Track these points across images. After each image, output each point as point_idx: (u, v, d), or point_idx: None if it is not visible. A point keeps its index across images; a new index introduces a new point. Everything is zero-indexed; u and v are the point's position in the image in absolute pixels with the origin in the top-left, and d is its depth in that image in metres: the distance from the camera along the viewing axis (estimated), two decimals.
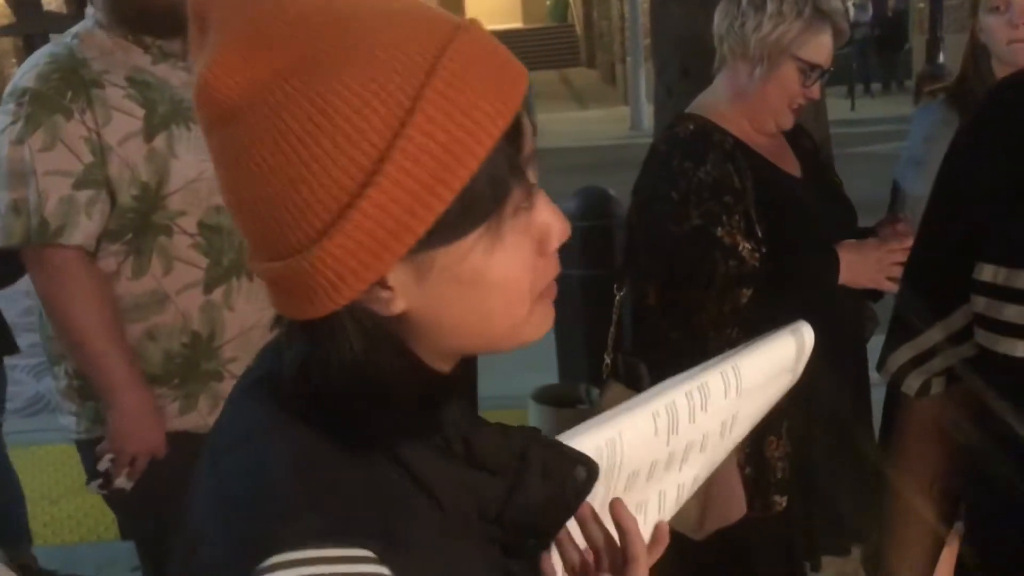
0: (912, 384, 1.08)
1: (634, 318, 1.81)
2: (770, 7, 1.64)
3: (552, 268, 0.63)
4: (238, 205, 0.57)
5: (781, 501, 1.70)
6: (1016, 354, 0.92)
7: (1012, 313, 0.92)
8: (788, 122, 1.72)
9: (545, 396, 2.72)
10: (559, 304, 0.66)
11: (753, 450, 1.68)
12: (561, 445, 0.69)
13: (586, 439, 0.72)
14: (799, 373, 0.93)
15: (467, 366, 0.68)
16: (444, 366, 0.65)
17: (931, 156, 1.05)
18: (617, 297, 1.86)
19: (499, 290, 0.59)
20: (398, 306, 0.58)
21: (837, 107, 11.96)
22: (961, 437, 1.05)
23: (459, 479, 0.62)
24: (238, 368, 1.69)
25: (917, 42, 14.04)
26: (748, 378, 0.82)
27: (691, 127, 1.71)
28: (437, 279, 0.57)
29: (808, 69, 1.66)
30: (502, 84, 0.56)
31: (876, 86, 13.56)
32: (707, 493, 1.56)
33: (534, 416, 2.64)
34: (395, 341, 0.60)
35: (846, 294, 1.69)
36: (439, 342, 0.62)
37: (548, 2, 22.48)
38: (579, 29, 20.91)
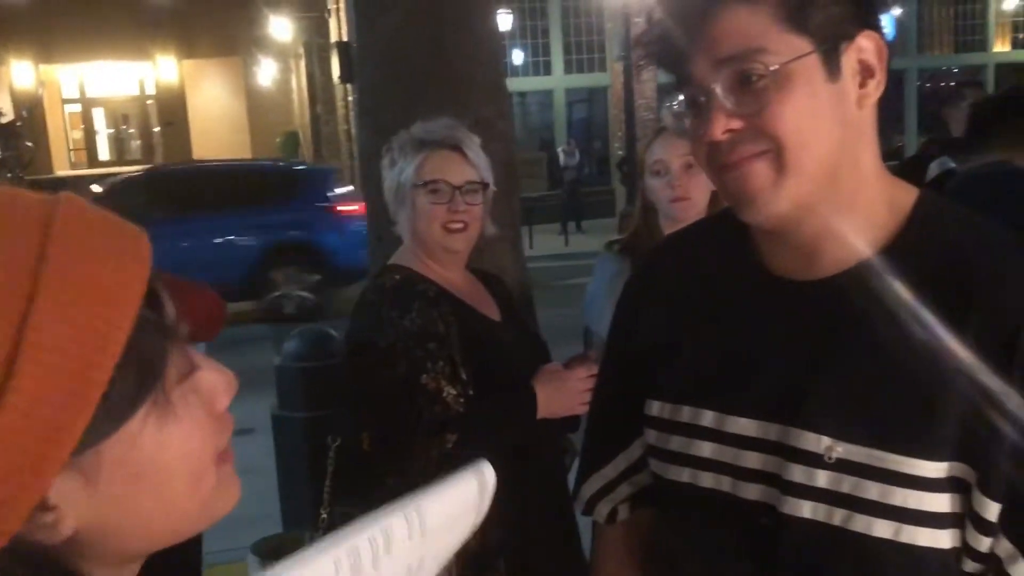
0: (601, 511, 1.16)
1: (350, 465, 1.83)
2: (384, 160, 1.84)
3: (226, 426, 0.59)
4: None
5: None
6: (682, 480, 1.01)
7: (676, 444, 1.01)
8: (457, 243, 1.81)
9: (266, 548, 2.61)
10: (283, 449, 0.61)
11: None
12: None
13: None
14: (483, 512, 0.98)
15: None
16: (129, 572, 0.58)
17: (608, 302, 1.19)
18: (332, 447, 1.87)
19: (181, 467, 0.54)
20: (67, 526, 0.50)
21: (552, 243, 12.92)
22: (645, 560, 1.14)
23: None
24: None
25: (619, 185, 15.59)
26: (431, 519, 0.84)
27: (397, 277, 1.80)
28: (110, 477, 0.51)
29: (432, 187, 1.77)
30: (123, 249, 0.52)
31: (587, 223, 14.79)
32: None
33: (254, 569, 2.52)
34: (67, 573, 0.52)
35: (544, 427, 1.79)
36: (122, 549, 0.55)
37: (278, 139, 22.55)
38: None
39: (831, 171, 0.89)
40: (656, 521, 1.11)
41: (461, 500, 0.87)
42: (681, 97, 0.93)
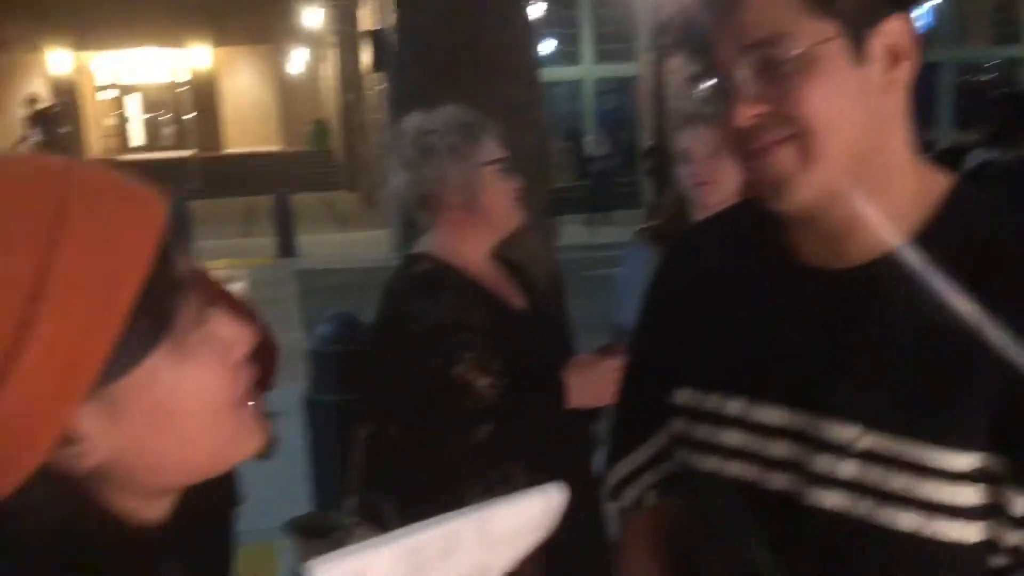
0: (628, 498, 1.16)
1: (379, 456, 1.82)
2: (441, 147, 1.75)
3: (245, 376, 0.62)
4: None
5: None
6: (708, 468, 1.01)
7: (703, 432, 1.02)
8: (519, 218, 1.84)
9: (298, 527, 2.66)
10: (314, 432, 0.63)
11: None
12: None
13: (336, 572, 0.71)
14: (547, 531, 0.97)
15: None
16: (156, 511, 0.61)
17: (640, 290, 1.19)
18: (361, 436, 1.86)
19: (197, 407, 0.58)
20: (93, 458, 0.54)
21: (578, 233, 12.90)
22: (673, 547, 1.14)
23: None
24: None
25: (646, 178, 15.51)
26: (498, 530, 0.83)
27: (426, 266, 1.79)
28: (131, 411, 0.55)
29: (503, 166, 1.80)
30: (136, 204, 0.56)
31: (614, 214, 14.74)
32: None
33: (286, 548, 2.57)
34: (94, 503, 0.56)
35: (570, 418, 1.79)
36: (145, 483, 0.59)
37: (308, 127, 22.66)
38: (340, 154, 21.22)
39: (859, 157, 0.89)
40: (682, 510, 1.11)
41: (527, 516, 0.87)
42: (708, 84, 0.93)
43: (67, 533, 0.54)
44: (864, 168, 0.89)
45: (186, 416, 0.58)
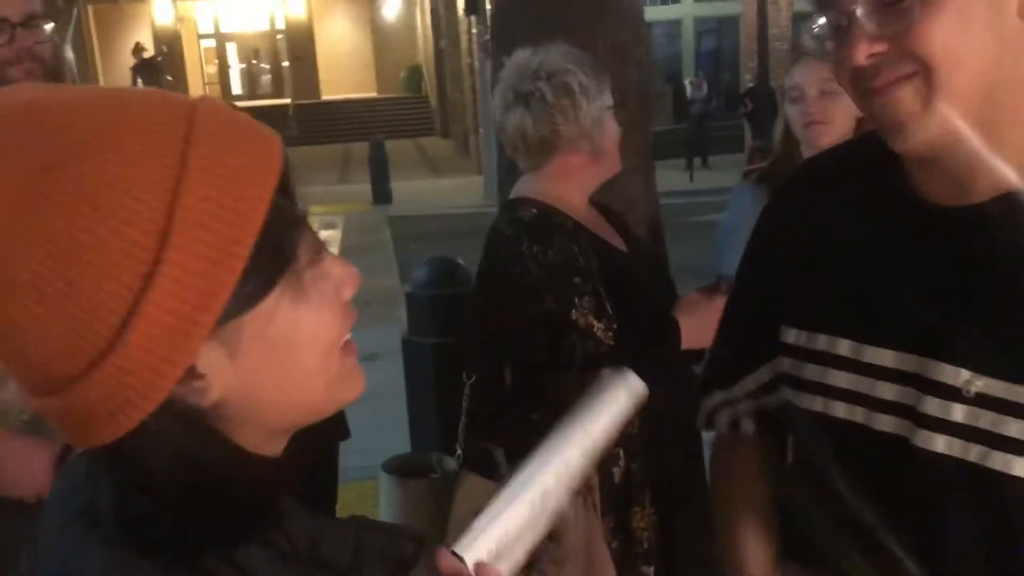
0: (722, 422, 1.15)
1: (490, 402, 1.82)
2: (575, 87, 1.71)
3: (350, 318, 0.63)
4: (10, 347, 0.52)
5: (648, 571, 1.75)
6: (815, 409, 1.00)
7: (811, 372, 1.00)
8: (620, 163, 1.85)
9: (395, 466, 2.71)
10: (412, 373, 0.65)
11: (618, 524, 1.72)
12: (385, 525, 0.69)
13: (480, 542, 0.73)
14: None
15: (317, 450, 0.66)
16: (272, 448, 0.63)
17: (743, 235, 1.16)
18: (467, 384, 1.86)
19: (311, 345, 0.59)
20: (214, 393, 0.55)
21: (677, 178, 12.65)
22: (769, 474, 1.12)
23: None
24: None
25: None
26: (600, 440, 0.86)
27: (533, 210, 1.76)
28: (249, 349, 0.56)
29: (614, 106, 1.79)
30: (258, 143, 0.56)
31: (713, 159, 14.40)
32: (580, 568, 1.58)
33: (385, 486, 2.63)
34: (217, 434, 0.57)
35: (680, 359, 1.76)
36: (262, 421, 0.60)
37: (402, 74, 22.78)
38: (433, 100, 21.31)
39: (987, 92, 0.83)
40: (780, 448, 1.09)
41: (620, 414, 0.89)
42: (822, 21, 0.89)
43: (192, 464, 0.55)
44: (993, 103, 0.84)
45: (301, 353, 0.59)
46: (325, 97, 22.59)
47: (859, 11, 0.82)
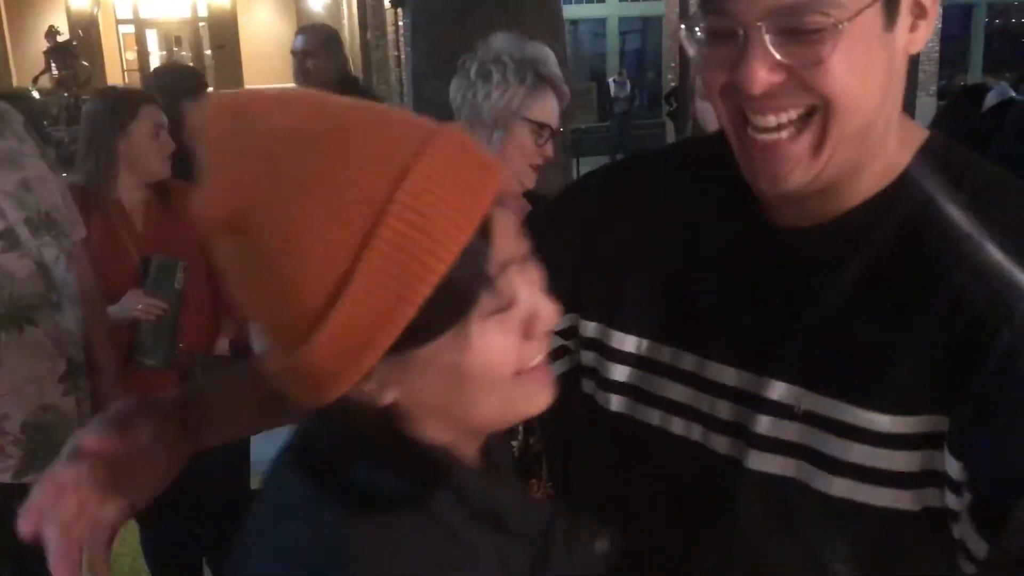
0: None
1: None
2: (496, 76, 1.82)
3: (539, 348, 0.65)
4: (248, 304, 0.61)
5: None
6: (652, 422, 0.95)
7: (651, 384, 0.95)
8: (531, 181, 1.90)
9: None
10: None
11: None
12: (583, 517, 0.72)
13: None
14: None
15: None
16: (467, 447, 0.68)
17: None
18: None
19: (482, 377, 0.62)
20: (387, 398, 0.62)
21: None
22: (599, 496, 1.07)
23: (488, 543, 0.65)
24: (12, 425, 1.61)
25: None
26: None
27: None
28: (420, 372, 0.61)
29: (538, 129, 1.85)
30: (470, 188, 0.58)
31: None
32: None
33: None
34: (386, 422, 0.64)
35: None
36: (440, 425, 0.65)
37: None
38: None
39: (869, 130, 0.81)
40: (613, 457, 1.02)
41: None
42: (720, 38, 0.80)
43: (368, 449, 0.64)
44: (862, 139, 0.81)
45: (464, 384, 0.62)
46: (249, 87, 22.13)
47: (764, 31, 0.75)
